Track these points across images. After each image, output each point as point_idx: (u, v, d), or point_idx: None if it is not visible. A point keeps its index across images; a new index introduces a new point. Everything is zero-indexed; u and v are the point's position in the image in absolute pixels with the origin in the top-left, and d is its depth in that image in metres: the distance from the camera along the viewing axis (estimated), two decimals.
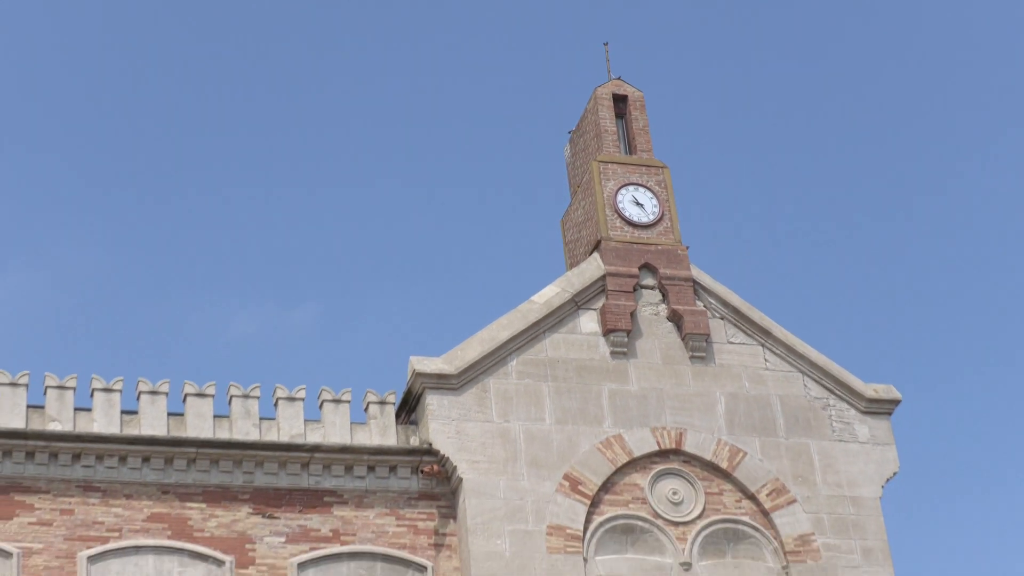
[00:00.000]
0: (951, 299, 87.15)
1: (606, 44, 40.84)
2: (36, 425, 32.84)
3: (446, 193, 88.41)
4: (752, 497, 35.44)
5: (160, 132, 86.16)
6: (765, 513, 35.30)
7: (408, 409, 35.43)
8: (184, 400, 34.17)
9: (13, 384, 32.98)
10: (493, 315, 36.55)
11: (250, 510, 33.48)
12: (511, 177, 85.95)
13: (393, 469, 34.52)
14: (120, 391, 33.80)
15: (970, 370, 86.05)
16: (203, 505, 33.31)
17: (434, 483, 34.64)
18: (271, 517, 33.53)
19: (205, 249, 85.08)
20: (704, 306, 37.36)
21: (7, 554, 31.73)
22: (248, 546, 33.07)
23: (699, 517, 34.93)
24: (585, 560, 33.74)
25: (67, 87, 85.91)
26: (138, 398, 33.83)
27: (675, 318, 36.94)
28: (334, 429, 34.57)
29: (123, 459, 33.04)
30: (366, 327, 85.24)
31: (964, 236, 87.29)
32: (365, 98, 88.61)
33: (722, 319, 37.50)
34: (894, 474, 36.67)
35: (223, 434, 33.82)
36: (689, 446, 35.62)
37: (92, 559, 32.04)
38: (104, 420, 33.31)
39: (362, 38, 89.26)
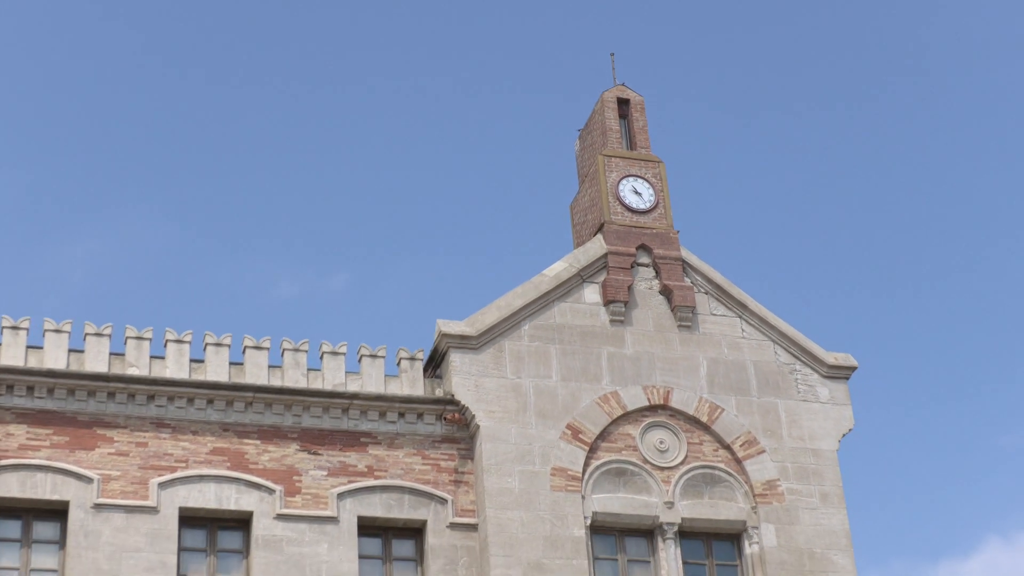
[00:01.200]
0: (905, 280, 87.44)
1: (612, 55, 40.86)
2: (117, 369, 33.18)
3: (469, 180, 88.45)
4: (727, 447, 35.61)
5: (218, 116, 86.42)
6: (738, 461, 35.49)
7: (434, 365, 35.58)
8: (243, 351, 34.41)
9: (98, 334, 33.39)
10: (509, 285, 36.71)
11: (297, 447, 33.79)
12: (528, 166, 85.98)
13: (420, 416, 34.74)
14: (189, 342, 34.08)
15: (919, 343, 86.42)
16: (258, 442, 33.64)
17: (455, 429, 34.92)
18: (315, 453, 33.84)
19: (254, 222, 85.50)
20: (691, 282, 37.41)
21: (88, 479, 31.99)
22: (295, 478, 33.39)
23: (681, 463, 35.14)
24: (583, 497, 33.97)
25: (136, 68, 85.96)
26: (204, 349, 34.10)
27: (666, 292, 37.04)
28: (370, 380, 34.81)
29: (190, 400, 33.38)
30: (393, 294, 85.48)
31: (918, 226, 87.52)
32: (404, 92, 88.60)
33: (706, 294, 37.54)
34: (849, 430, 36.81)
35: (276, 381, 34.14)
36: (675, 402, 35.80)
37: (162, 485, 32.35)
38: (175, 367, 33.65)
39: (410, 40, 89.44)
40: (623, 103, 39.64)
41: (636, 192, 38.21)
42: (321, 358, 34.92)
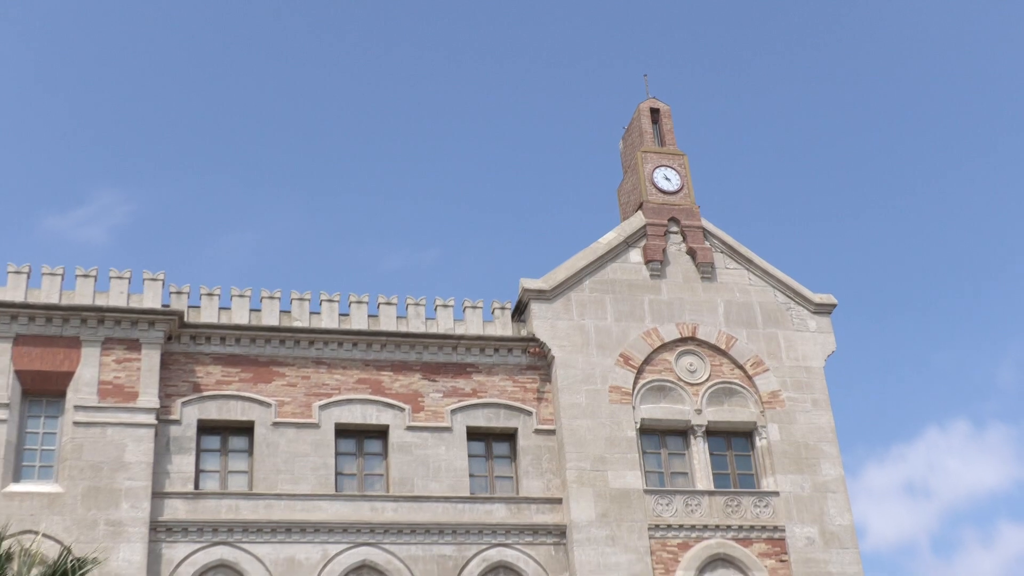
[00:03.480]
0: (876, 237, 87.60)
1: (645, 76, 40.64)
2: (285, 322, 33.79)
3: (537, 172, 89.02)
4: (741, 367, 35.84)
5: (335, 127, 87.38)
6: (749, 377, 35.72)
7: (519, 312, 35.75)
8: (378, 306, 34.69)
9: (270, 297, 33.88)
10: (572, 251, 36.94)
11: (420, 376, 34.21)
12: (586, 160, 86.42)
13: (510, 350, 35.09)
14: (337, 300, 34.42)
15: (882, 286, 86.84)
16: (391, 373, 34.08)
17: (536, 359, 35.16)
18: (433, 380, 34.25)
19: (363, 210, 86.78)
20: (709, 245, 37.44)
21: (268, 404, 32.73)
22: (419, 399, 33.88)
23: (706, 380, 35.40)
24: (633, 408, 34.34)
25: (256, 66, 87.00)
26: (349, 305, 34.51)
27: (691, 252, 37.16)
28: (473, 325, 35.09)
29: (340, 344, 33.95)
30: (475, 262, 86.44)
31: (885, 196, 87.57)
32: (487, 103, 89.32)
33: (721, 252, 37.57)
34: (832, 352, 36.89)
35: (402, 328, 34.54)
36: (700, 335, 36.01)
37: (322, 407, 33.08)
38: (328, 319, 34.14)
39: (492, 60, 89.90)
40: (654, 111, 39.66)
41: (666, 178, 38.28)
42: (436, 310, 35.16)
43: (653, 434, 34.75)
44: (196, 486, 31.85)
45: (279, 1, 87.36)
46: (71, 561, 25.13)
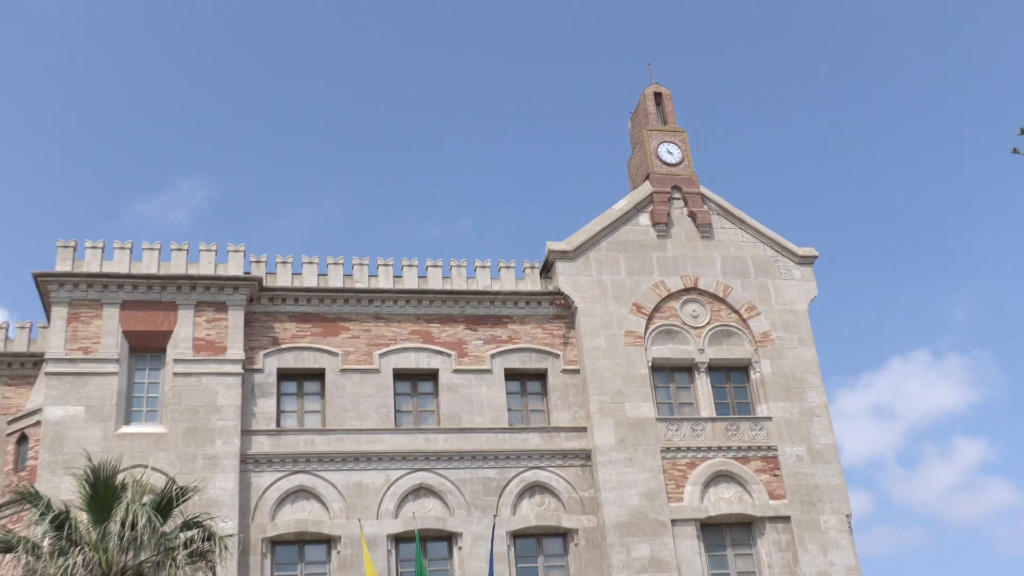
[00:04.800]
0: (857, 195, 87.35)
1: (649, 65, 41.06)
2: (348, 284, 33.95)
3: (560, 149, 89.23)
4: (736, 312, 35.73)
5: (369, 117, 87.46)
6: (744, 320, 35.62)
7: (546, 270, 35.65)
8: (426, 268, 34.76)
9: (335, 263, 34.07)
10: (590, 217, 36.73)
11: (464, 327, 34.34)
12: (599, 139, 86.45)
13: (539, 303, 35.10)
14: (391, 264, 34.52)
15: (863, 238, 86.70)
16: (439, 325, 34.21)
17: (562, 310, 35.13)
18: (475, 330, 34.38)
19: (404, 186, 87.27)
20: (707, 208, 37.22)
21: (335, 354, 32.95)
22: (463, 346, 34.04)
23: (707, 324, 35.35)
24: (645, 349, 34.37)
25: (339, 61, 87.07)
26: (401, 268, 34.62)
27: (691, 215, 36.98)
28: (507, 282, 35.16)
29: (395, 301, 34.07)
30: (503, 229, 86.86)
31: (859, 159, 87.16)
32: (516, 93, 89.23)
33: (717, 214, 37.33)
34: (814, 297, 36.71)
35: (448, 286, 34.62)
36: (701, 285, 35.91)
37: (381, 355, 33.30)
38: (385, 280, 34.31)
39: (514, 51, 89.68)
40: (657, 95, 39.38)
41: (669, 152, 38.07)
42: (475, 270, 35.19)
43: (663, 371, 34.77)
44: (278, 424, 32.17)
45: (327, 6, 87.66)
46: (175, 489, 25.70)
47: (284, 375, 33.00)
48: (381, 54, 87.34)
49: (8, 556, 26.18)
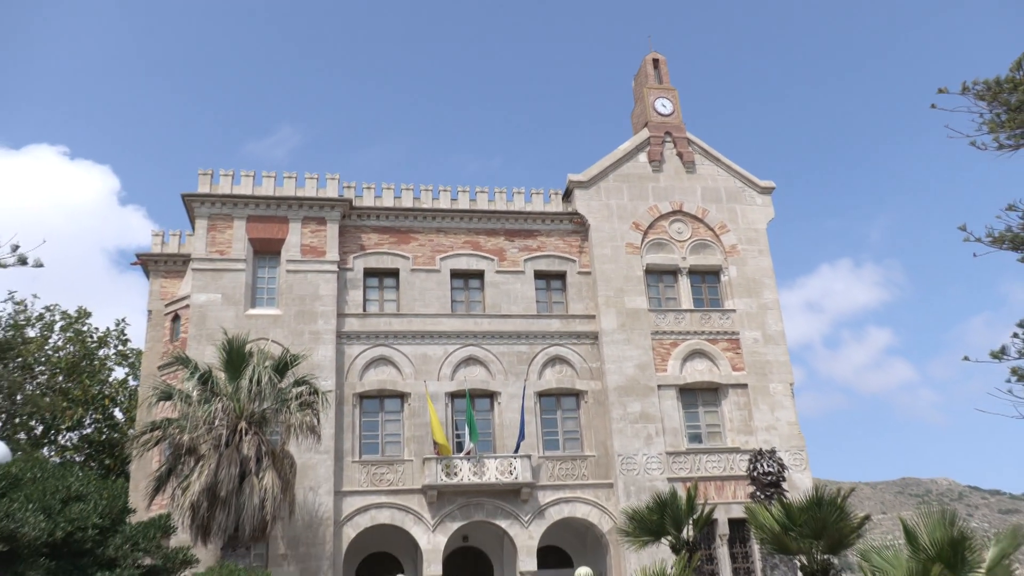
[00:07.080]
0: (806, 139, 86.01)
1: (649, 36, 40.81)
2: (417, 205, 33.70)
3: (578, 102, 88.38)
4: (712, 229, 35.34)
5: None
6: (717, 236, 35.28)
7: (567, 195, 35.28)
8: (476, 194, 34.43)
9: (407, 188, 33.71)
10: (601, 155, 36.30)
11: (504, 238, 34.09)
12: (609, 94, 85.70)
13: (562, 221, 34.80)
14: (449, 190, 34.21)
15: (809, 173, 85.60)
16: (485, 236, 34.04)
17: (578, 227, 34.86)
18: (512, 241, 34.17)
19: (453, 130, 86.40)
20: (692, 149, 36.65)
21: (407, 257, 32.77)
22: (503, 252, 33.90)
23: (689, 238, 35.06)
24: (641, 257, 34.18)
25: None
26: (457, 193, 34.25)
27: (679, 155, 36.41)
28: (537, 204, 34.88)
29: (452, 218, 33.87)
30: (528, 166, 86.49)
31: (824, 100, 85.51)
32: (543, 55, 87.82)
33: (699, 154, 36.72)
34: (771, 219, 36.13)
35: (492, 207, 34.35)
36: (685, 208, 35.49)
37: (441, 259, 33.27)
38: (444, 202, 34.03)
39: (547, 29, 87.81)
40: (656, 60, 38.65)
41: (663, 105, 37.43)
42: (512, 195, 34.91)
43: (654, 273, 34.64)
44: (364, 310, 32.39)
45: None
46: (289, 356, 26.69)
47: (369, 273, 33.09)
48: (441, 26, 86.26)
49: (167, 402, 27.44)
